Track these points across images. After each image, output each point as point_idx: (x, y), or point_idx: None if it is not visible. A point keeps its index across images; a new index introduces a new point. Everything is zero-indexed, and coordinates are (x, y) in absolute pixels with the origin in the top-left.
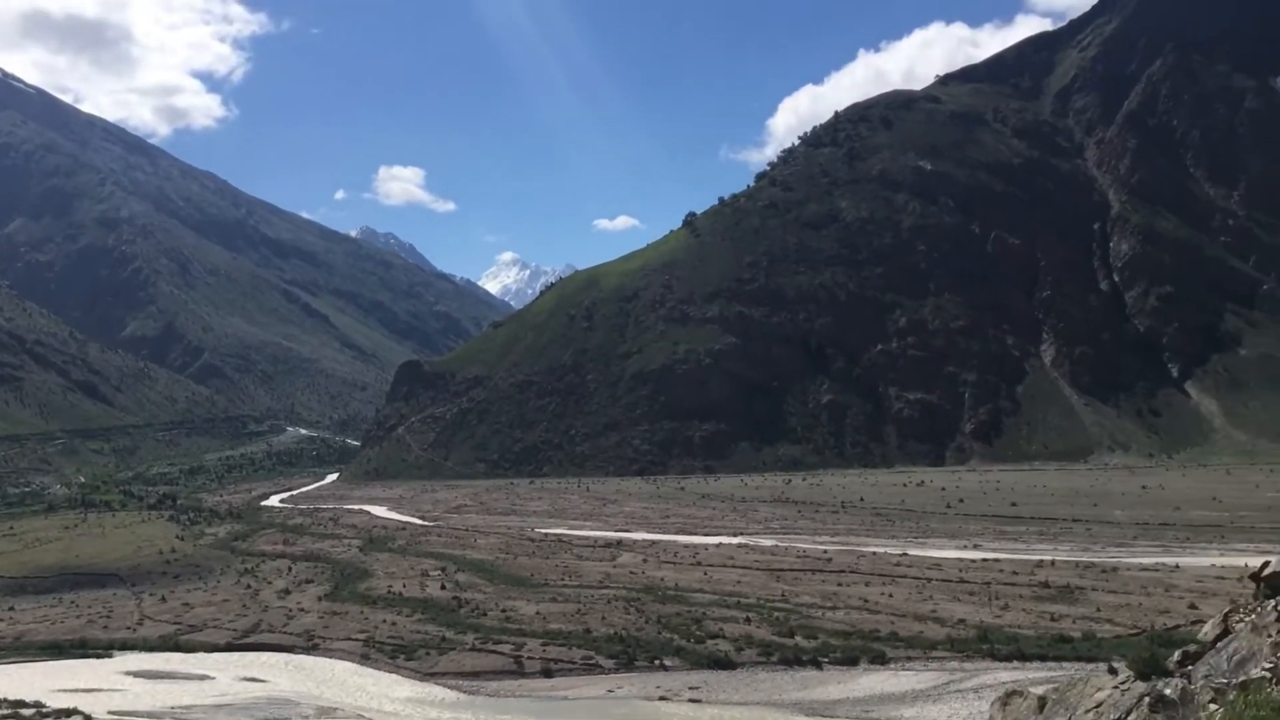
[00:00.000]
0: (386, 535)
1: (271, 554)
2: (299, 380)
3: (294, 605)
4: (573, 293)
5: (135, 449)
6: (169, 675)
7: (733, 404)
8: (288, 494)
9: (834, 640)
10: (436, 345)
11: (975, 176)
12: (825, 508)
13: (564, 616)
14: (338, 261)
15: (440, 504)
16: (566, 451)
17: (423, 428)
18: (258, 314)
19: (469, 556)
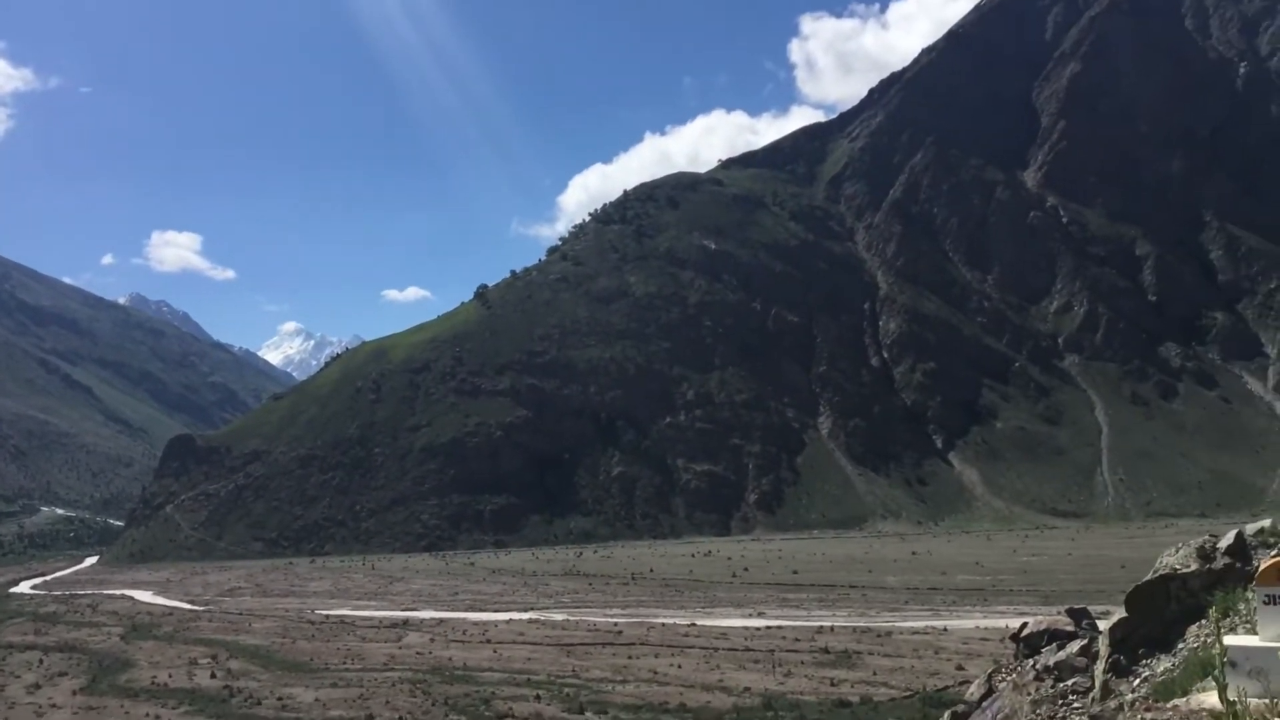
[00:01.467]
0: (152, 622)
1: (20, 645)
2: (56, 456)
3: (45, 701)
4: (360, 364)
5: None
6: None
7: (524, 477)
8: (41, 579)
9: (624, 715)
10: (212, 419)
11: (756, 256)
12: (616, 579)
13: (345, 702)
14: (103, 330)
15: (212, 587)
16: (351, 528)
17: (194, 505)
18: (10, 384)
19: (243, 642)
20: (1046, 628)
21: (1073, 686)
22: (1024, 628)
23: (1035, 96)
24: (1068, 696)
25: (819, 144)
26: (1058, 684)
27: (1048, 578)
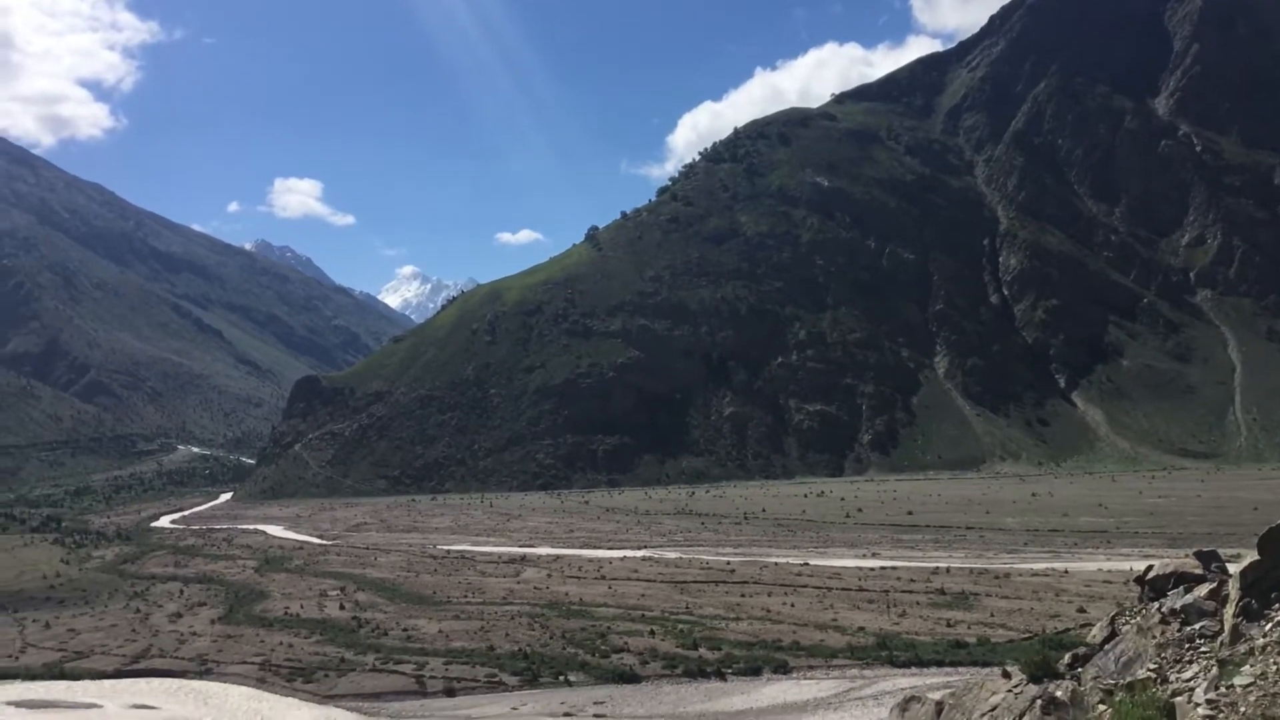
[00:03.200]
0: (283, 555)
1: (162, 577)
2: (191, 397)
3: (186, 629)
4: (475, 306)
5: (17, 470)
6: (53, 704)
7: (636, 417)
8: (179, 515)
9: (737, 651)
10: (335, 360)
11: (870, 192)
12: (728, 519)
13: (467, 634)
14: (231, 275)
15: (339, 522)
16: (469, 467)
17: (321, 444)
18: (147, 329)
19: (369, 575)
20: (1173, 571)
21: (1200, 630)
22: (1149, 570)
23: (1167, 18)
24: (1194, 640)
25: (937, 75)
26: (1184, 628)
27: (1175, 520)
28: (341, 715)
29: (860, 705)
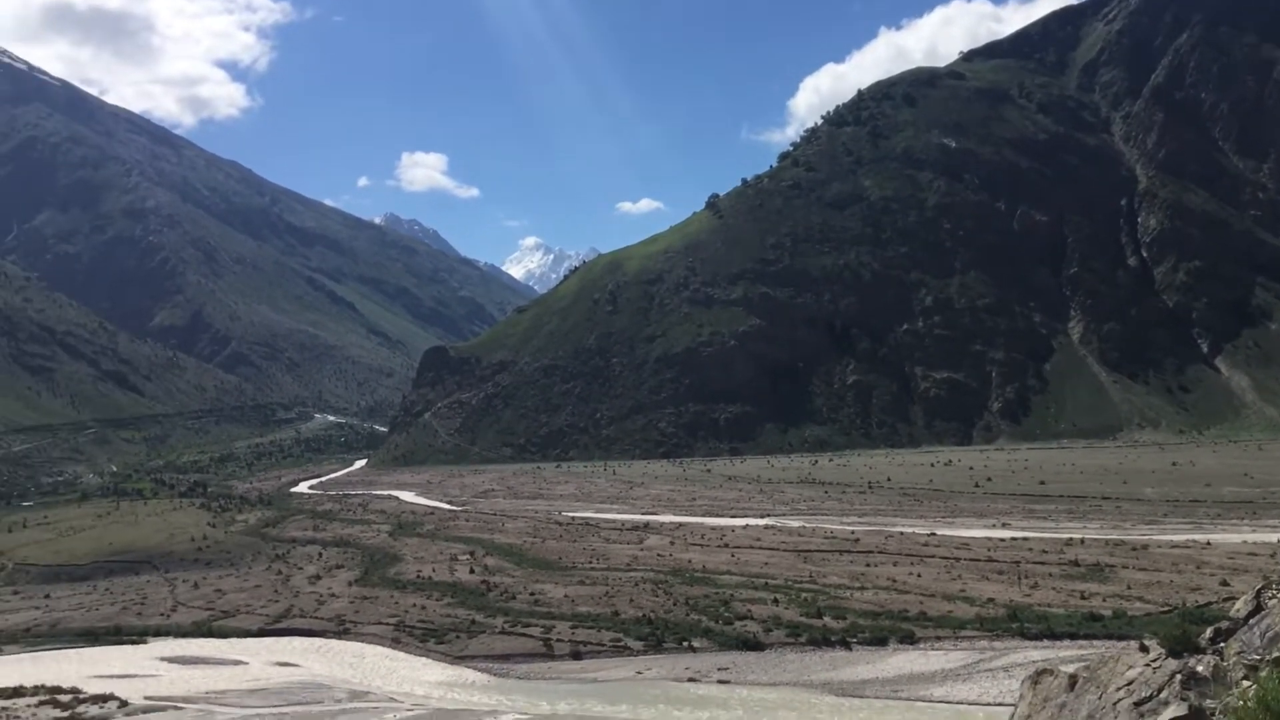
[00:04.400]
0: (415, 520)
1: (302, 540)
2: (326, 367)
3: (325, 590)
4: (596, 276)
5: (166, 437)
6: (203, 660)
7: (758, 386)
8: (316, 480)
9: (862, 620)
10: (461, 331)
11: (1000, 153)
12: (852, 488)
13: (592, 599)
14: (362, 248)
15: (468, 489)
16: (592, 435)
17: (449, 413)
18: (284, 302)
19: (497, 540)
20: None
21: None
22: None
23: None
24: None
25: (1071, 29)
26: None
27: None
28: (473, 675)
29: (990, 677)
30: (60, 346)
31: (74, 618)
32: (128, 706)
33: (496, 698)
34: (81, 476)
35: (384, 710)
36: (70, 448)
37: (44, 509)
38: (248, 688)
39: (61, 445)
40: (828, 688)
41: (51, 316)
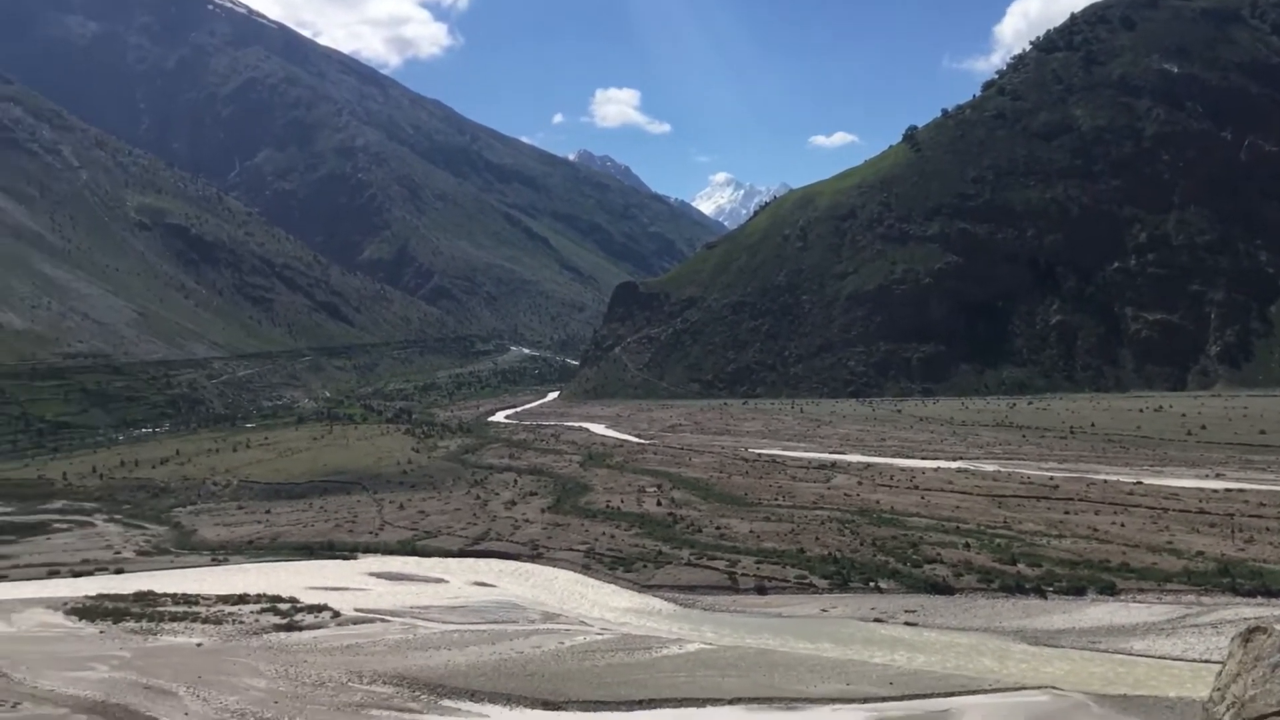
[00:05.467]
0: (605, 452)
1: (498, 467)
2: (521, 301)
3: (519, 516)
4: (787, 212)
5: (374, 366)
6: (408, 577)
7: (953, 325)
8: (512, 410)
9: (1059, 569)
10: (651, 267)
11: (1227, 78)
12: (1052, 433)
13: (778, 536)
14: (556, 185)
15: (656, 423)
16: (780, 373)
17: (638, 348)
18: (482, 237)
19: (684, 474)
20: None
21: None
22: None
23: None
24: None
25: None
26: None
27: None
28: (659, 604)
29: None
30: (279, 278)
31: (292, 533)
32: (340, 617)
33: (682, 627)
34: (298, 401)
35: (574, 632)
36: (288, 374)
37: (265, 431)
38: (448, 604)
39: (280, 371)
40: (1020, 635)
41: (271, 250)
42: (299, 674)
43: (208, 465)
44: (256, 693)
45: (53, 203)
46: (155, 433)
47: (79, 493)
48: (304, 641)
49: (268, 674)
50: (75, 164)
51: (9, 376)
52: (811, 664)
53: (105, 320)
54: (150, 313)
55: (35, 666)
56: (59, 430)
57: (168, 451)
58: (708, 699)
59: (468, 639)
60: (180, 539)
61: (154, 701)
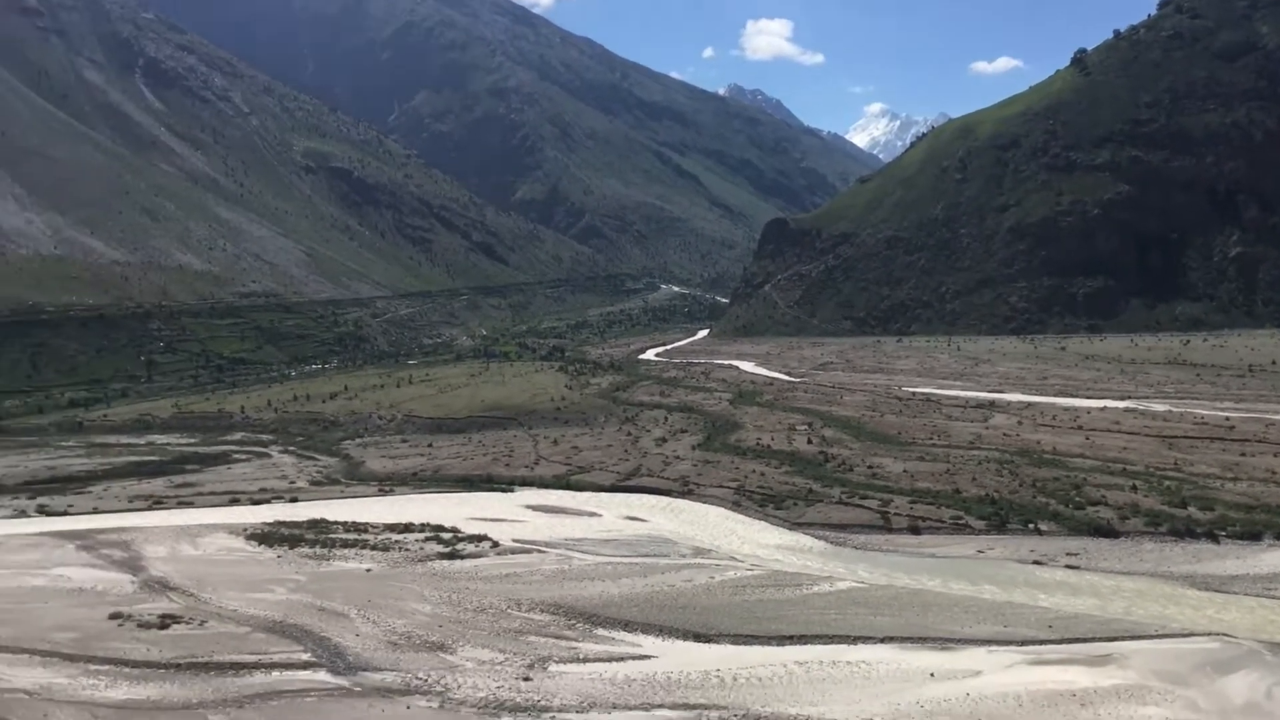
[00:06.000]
0: (754, 390)
1: (649, 404)
2: (671, 239)
3: (670, 453)
4: (945, 143)
5: (527, 304)
6: (562, 510)
7: (1122, 258)
8: (662, 348)
9: (1234, 513)
10: (802, 202)
11: None
12: (1229, 371)
13: (932, 476)
14: (706, 121)
15: (806, 361)
16: (936, 309)
17: (789, 285)
18: (632, 175)
19: (835, 413)
20: None
21: None
22: None
23: None
24: None
25: None
26: None
27: None
28: (809, 542)
29: None
30: (437, 219)
31: (452, 465)
32: (499, 547)
33: (833, 565)
34: (456, 339)
35: (725, 568)
36: (446, 312)
37: (425, 367)
38: (601, 537)
39: (439, 310)
40: (1189, 580)
41: (429, 191)
42: (461, 600)
43: (373, 400)
44: (422, 617)
45: (225, 148)
46: (324, 369)
47: (256, 425)
48: (465, 570)
49: (432, 599)
50: (245, 110)
51: (190, 315)
52: (966, 605)
53: (276, 261)
54: (317, 253)
55: (219, 588)
56: (236, 366)
57: (336, 387)
58: (859, 636)
59: (620, 571)
60: (349, 470)
61: (327, 623)
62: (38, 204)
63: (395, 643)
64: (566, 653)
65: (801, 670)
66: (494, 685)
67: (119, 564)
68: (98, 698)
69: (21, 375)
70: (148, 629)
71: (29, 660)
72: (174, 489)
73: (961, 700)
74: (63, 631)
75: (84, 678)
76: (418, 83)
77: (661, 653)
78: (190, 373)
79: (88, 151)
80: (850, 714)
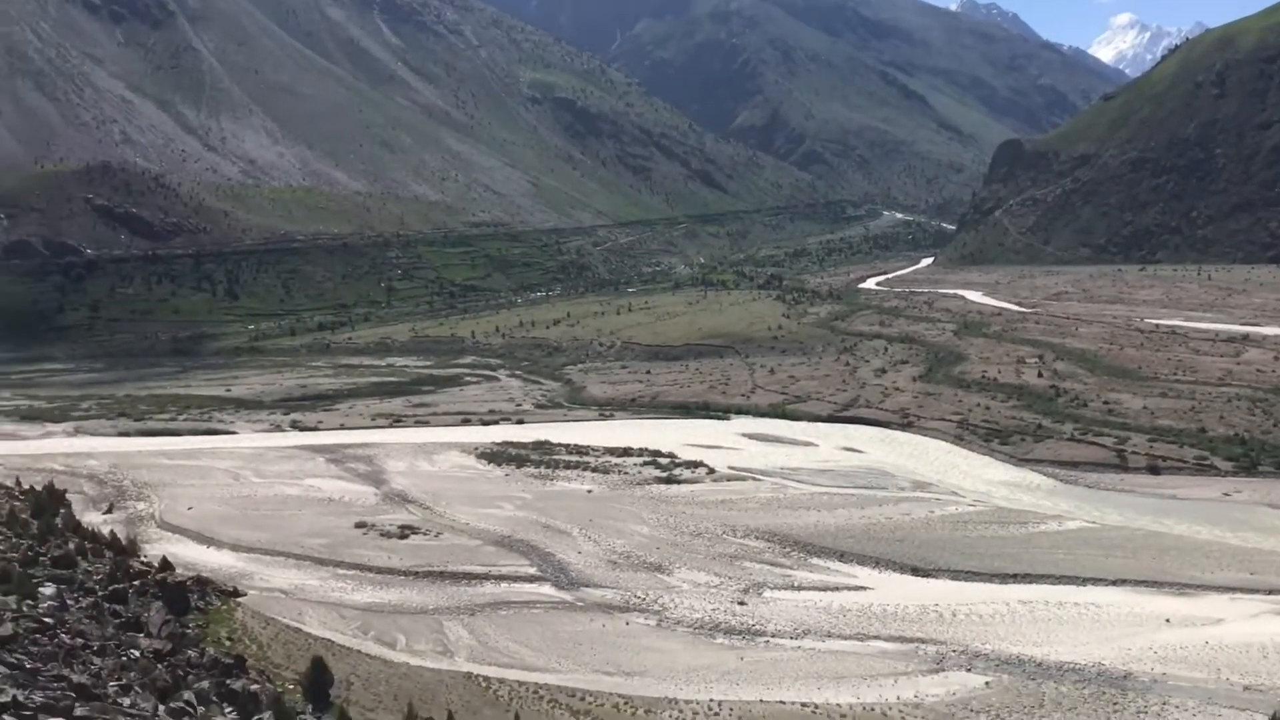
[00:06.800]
0: (981, 320)
1: (868, 334)
2: (895, 164)
3: (889, 384)
4: (1200, 56)
5: (745, 233)
6: (777, 439)
7: None
8: (883, 277)
9: None
10: (1039, 122)
11: None
12: None
13: (1175, 413)
14: (935, 38)
15: (1038, 290)
16: (1184, 235)
17: (1021, 211)
18: (855, 98)
19: (1068, 345)
20: None
21: None
22: None
23: None
24: None
25: None
26: None
27: None
28: (1036, 479)
29: None
30: (656, 148)
31: (669, 392)
32: (714, 473)
33: (1062, 503)
34: (674, 267)
35: (945, 502)
36: (665, 240)
37: (644, 295)
38: (817, 467)
39: (658, 238)
40: None
41: (649, 120)
42: (678, 524)
43: (594, 327)
44: (640, 538)
45: (457, 81)
46: (547, 296)
47: (485, 350)
48: (681, 494)
49: (650, 522)
50: (475, 43)
51: (425, 244)
52: (1208, 549)
53: (504, 191)
54: (542, 183)
55: (453, 502)
56: (466, 292)
57: (559, 313)
58: (1088, 578)
59: (836, 501)
60: (571, 394)
61: (551, 539)
62: (288, 138)
63: (615, 562)
64: (781, 580)
65: (1025, 609)
66: (709, 607)
67: (363, 477)
68: (345, 599)
69: (275, 300)
70: (389, 538)
71: (284, 563)
72: (411, 408)
73: (1199, 648)
74: (314, 538)
75: (333, 580)
76: (639, 10)
77: (877, 585)
78: (425, 298)
79: (331, 87)
80: (1077, 656)
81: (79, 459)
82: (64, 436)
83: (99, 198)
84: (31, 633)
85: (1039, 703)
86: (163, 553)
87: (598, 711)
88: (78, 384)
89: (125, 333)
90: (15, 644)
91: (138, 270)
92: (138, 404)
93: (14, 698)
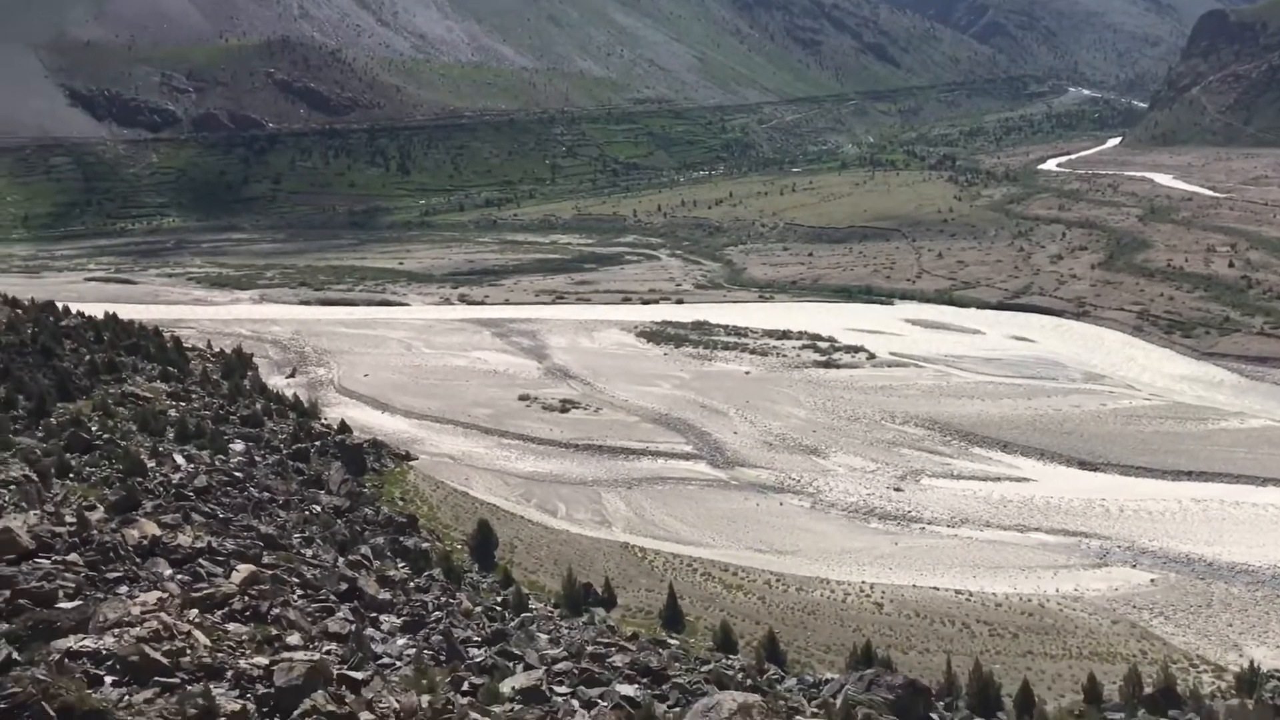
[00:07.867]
0: (1169, 205)
1: (1045, 219)
2: (1084, 37)
3: (1065, 271)
4: None
5: (918, 110)
6: (943, 326)
7: None
8: (1065, 158)
9: None
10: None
11: None
12: None
13: None
14: None
15: (1235, 174)
16: None
17: (1221, 87)
18: None
19: (1265, 234)
20: None
21: None
22: None
23: None
24: None
25: None
26: None
27: None
28: (1220, 374)
29: None
30: (827, 19)
31: (831, 275)
32: (875, 359)
33: (1246, 400)
34: (841, 146)
35: (1119, 395)
36: (833, 118)
37: (809, 175)
38: (983, 355)
39: (825, 116)
40: None
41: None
42: (835, 408)
43: (756, 207)
44: (796, 421)
45: None
46: (710, 175)
47: (646, 228)
48: (840, 379)
49: (806, 405)
50: None
51: (589, 120)
52: None
53: (669, 67)
54: (708, 58)
55: (612, 379)
56: (629, 170)
57: (721, 193)
58: (1269, 479)
59: (1001, 391)
60: (731, 275)
61: (707, 419)
62: (457, 12)
63: (770, 443)
64: (939, 468)
65: (1198, 508)
66: (865, 492)
67: (526, 351)
68: (508, 467)
69: (445, 176)
70: (550, 411)
71: (453, 430)
72: (573, 285)
73: None
74: (480, 408)
75: (497, 449)
76: None
77: (1041, 477)
78: (588, 176)
79: None
80: (1251, 558)
81: (264, 325)
82: (250, 303)
83: (279, 72)
84: (224, 485)
85: (1206, 602)
86: (341, 416)
87: (749, 586)
88: (262, 253)
89: (304, 205)
90: (209, 495)
91: (316, 144)
92: (317, 274)
93: (209, 544)
